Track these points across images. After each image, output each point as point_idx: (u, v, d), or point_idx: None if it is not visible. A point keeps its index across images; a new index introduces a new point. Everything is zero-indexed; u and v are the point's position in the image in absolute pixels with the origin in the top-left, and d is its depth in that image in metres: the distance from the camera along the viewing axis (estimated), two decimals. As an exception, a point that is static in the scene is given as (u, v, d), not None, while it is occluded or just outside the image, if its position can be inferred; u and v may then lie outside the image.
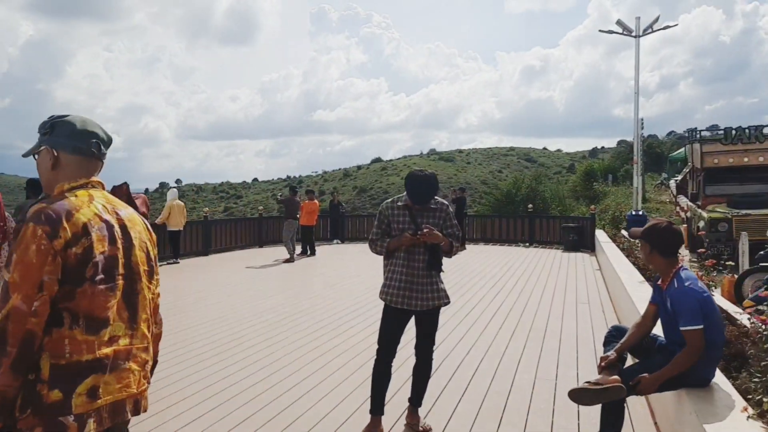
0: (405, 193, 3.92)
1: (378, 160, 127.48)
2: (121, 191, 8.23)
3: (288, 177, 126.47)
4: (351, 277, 11.80)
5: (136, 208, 8.27)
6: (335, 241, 19.21)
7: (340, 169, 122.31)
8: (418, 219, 3.85)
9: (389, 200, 4.02)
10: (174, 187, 13.49)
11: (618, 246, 12.61)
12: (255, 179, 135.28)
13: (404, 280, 3.86)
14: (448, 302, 4.01)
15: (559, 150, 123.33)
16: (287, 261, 14.11)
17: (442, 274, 3.97)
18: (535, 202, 25.29)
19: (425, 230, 3.74)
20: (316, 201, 15.91)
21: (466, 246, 16.66)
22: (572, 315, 7.87)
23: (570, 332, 6.89)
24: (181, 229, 13.80)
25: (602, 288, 10.12)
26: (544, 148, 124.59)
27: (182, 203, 14.02)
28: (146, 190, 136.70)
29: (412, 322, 3.97)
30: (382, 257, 4.03)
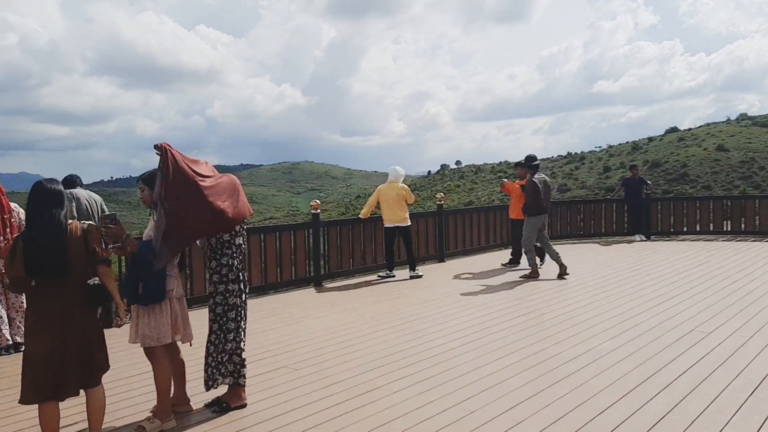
0: None
1: (674, 129, 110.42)
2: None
3: (569, 153, 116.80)
4: (687, 318, 5.89)
5: None
6: (637, 237, 12.99)
7: (627, 142, 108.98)
8: None
9: None
10: (396, 166, 8.76)
11: None
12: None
13: None
14: None
15: None
16: (529, 276, 8.80)
17: None
18: None
19: None
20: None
21: None
22: None
23: None
24: (397, 225, 9.08)
25: None
26: None
27: (403, 186, 9.08)
28: (429, 172, 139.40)
29: None
30: None
